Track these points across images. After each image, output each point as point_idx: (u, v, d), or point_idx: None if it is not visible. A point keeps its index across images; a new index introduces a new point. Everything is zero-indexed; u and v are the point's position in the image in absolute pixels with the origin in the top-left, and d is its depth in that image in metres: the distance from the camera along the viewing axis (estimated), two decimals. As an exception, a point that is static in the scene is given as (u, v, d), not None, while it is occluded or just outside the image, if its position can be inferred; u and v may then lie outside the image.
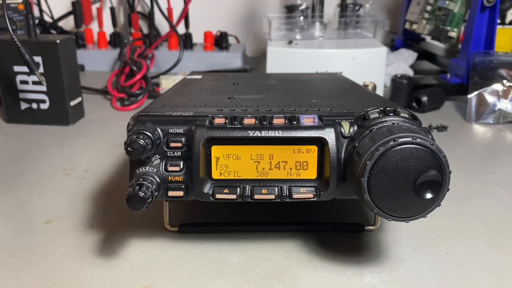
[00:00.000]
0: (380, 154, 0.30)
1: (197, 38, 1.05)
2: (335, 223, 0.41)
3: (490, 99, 0.70)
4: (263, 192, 0.34)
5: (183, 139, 0.34)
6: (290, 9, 0.95)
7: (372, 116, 0.33)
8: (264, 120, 0.34)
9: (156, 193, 0.33)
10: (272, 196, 0.34)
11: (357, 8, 0.94)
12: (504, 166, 0.55)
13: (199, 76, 0.56)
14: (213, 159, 0.34)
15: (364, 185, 0.30)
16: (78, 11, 1.03)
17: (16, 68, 0.65)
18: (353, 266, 0.36)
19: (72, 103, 0.67)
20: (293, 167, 0.34)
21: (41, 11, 1.05)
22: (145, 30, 1.11)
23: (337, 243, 0.39)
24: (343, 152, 0.33)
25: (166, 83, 0.80)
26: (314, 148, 0.34)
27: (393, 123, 0.33)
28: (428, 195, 0.30)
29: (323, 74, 0.66)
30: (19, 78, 0.66)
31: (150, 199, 0.32)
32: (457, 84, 0.79)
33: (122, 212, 0.43)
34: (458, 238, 0.40)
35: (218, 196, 0.34)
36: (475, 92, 0.71)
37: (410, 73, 0.90)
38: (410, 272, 0.35)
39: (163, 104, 0.38)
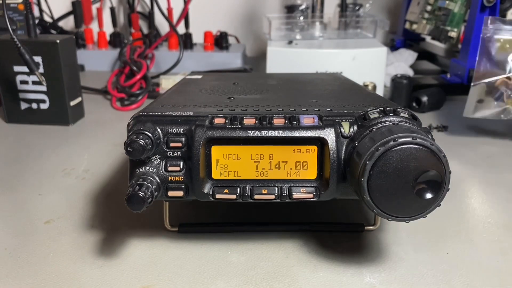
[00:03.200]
0: (380, 154, 0.30)
1: (197, 38, 1.05)
2: (335, 223, 0.41)
3: (495, 91, 0.60)
4: (263, 192, 0.34)
5: (183, 139, 0.34)
6: (290, 9, 0.95)
7: (372, 116, 0.33)
8: (264, 120, 0.34)
9: (156, 193, 0.33)
10: (272, 196, 0.34)
11: (357, 8, 0.94)
12: (504, 166, 0.55)
13: (199, 76, 0.56)
14: (213, 159, 0.34)
15: (364, 185, 0.30)
16: (78, 11, 1.03)
17: (16, 68, 0.65)
18: (353, 266, 0.36)
19: (72, 103, 0.67)
20: (293, 167, 0.34)
21: (41, 11, 1.05)
22: (145, 30, 1.11)
23: (337, 243, 0.39)
24: (343, 152, 0.33)
25: (166, 83, 0.80)
26: (314, 148, 0.34)
27: (393, 123, 0.33)
28: (428, 195, 0.30)
29: (323, 74, 0.66)
30: (19, 78, 0.66)
31: (150, 199, 0.32)
32: (457, 84, 0.79)
33: (122, 212, 0.43)
34: (458, 238, 0.40)
35: (218, 196, 0.34)
36: (480, 81, 0.60)
37: (410, 73, 0.90)
38: (410, 272, 0.35)
39: (163, 104, 0.38)
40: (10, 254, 0.37)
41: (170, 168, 0.34)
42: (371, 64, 0.77)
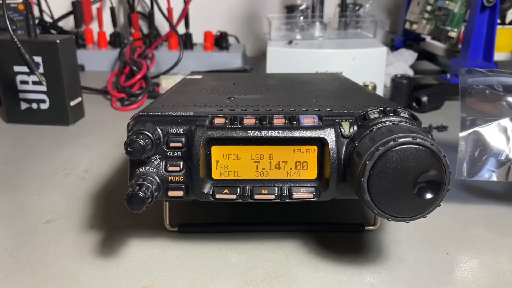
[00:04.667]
0: (380, 154, 0.30)
1: (197, 38, 1.05)
2: (335, 223, 0.41)
3: (493, 141, 0.43)
4: (263, 192, 0.34)
5: (183, 139, 0.34)
6: (290, 9, 0.95)
7: (372, 116, 0.33)
8: (264, 120, 0.34)
9: (156, 193, 0.33)
10: (272, 196, 0.34)
11: (357, 8, 0.94)
12: (504, 166, 0.55)
13: (199, 76, 0.56)
14: (213, 159, 0.34)
15: (364, 185, 0.30)
16: (78, 11, 1.03)
17: (16, 68, 0.65)
18: (353, 266, 0.36)
19: (72, 103, 0.67)
20: (293, 167, 0.34)
21: (41, 11, 1.05)
22: (145, 30, 1.11)
23: (337, 243, 0.38)
24: (343, 152, 0.33)
25: (166, 83, 0.80)
26: (314, 148, 0.34)
27: (393, 123, 0.33)
28: (428, 195, 0.30)
29: (323, 74, 0.66)
30: (19, 78, 0.66)
31: (150, 199, 0.32)
32: (457, 84, 0.78)
33: (122, 212, 0.43)
34: (458, 238, 0.40)
35: (218, 196, 0.34)
36: (470, 130, 0.43)
37: (410, 73, 0.90)
38: (410, 272, 0.35)
39: (163, 104, 0.38)
40: (10, 254, 0.37)
41: (170, 168, 0.34)
42: (371, 64, 0.77)
